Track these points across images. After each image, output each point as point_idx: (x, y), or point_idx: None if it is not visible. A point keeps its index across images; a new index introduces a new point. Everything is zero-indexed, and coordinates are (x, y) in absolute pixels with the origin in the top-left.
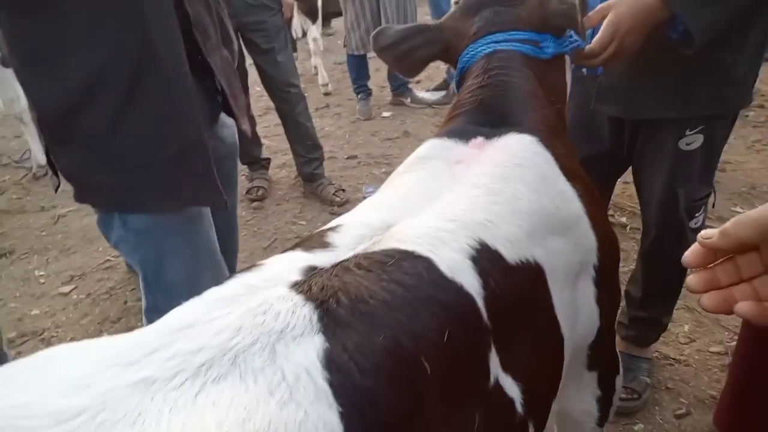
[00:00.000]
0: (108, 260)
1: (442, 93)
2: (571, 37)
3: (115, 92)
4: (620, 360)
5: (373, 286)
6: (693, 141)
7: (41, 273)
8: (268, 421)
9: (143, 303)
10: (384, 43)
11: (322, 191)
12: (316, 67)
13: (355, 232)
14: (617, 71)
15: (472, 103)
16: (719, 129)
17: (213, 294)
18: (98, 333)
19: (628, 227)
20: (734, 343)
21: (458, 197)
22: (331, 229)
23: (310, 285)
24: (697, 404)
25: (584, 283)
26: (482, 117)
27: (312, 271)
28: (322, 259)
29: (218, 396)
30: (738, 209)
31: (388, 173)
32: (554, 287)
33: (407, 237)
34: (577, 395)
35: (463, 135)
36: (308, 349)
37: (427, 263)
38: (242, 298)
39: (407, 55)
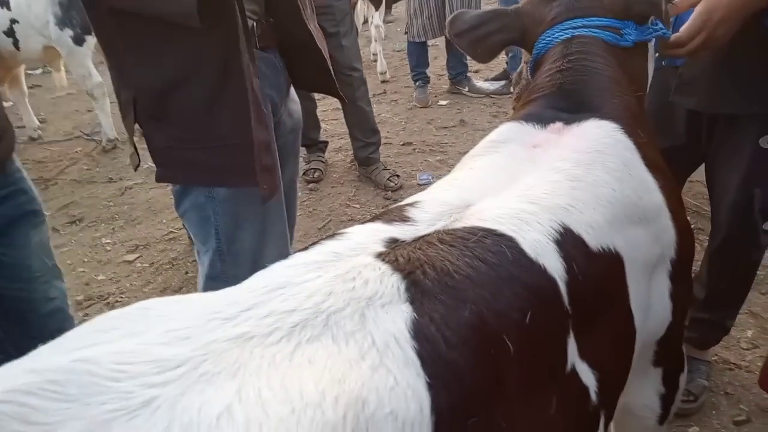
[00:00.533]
0: (171, 232)
1: (501, 83)
2: (655, 24)
3: (209, 76)
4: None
5: (457, 261)
6: None
7: (108, 241)
8: (361, 383)
9: (204, 270)
10: (460, 28)
11: (377, 176)
12: (375, 54)
13: (434, 209)
14: (700, 62)
15: (551, 87)
16: None
17: (301, 258)
18: None
19: (692, 227)
20: None
21: (538, 181)
22: (410, 204)
23: (396, 255)
24: (759, 412)
25: (660, 277)
26: (561, 101)
27: (394, 243)
28: (403, 231)
29: (313, 355)
30: None
31: (442, 161)
32: (631, 278)
33: (489, 216)
34: (641, 390)
35: (541, 119)
36: (397, 318)
37: (510, 242)
38: (329, 263)
39: (483, 40)
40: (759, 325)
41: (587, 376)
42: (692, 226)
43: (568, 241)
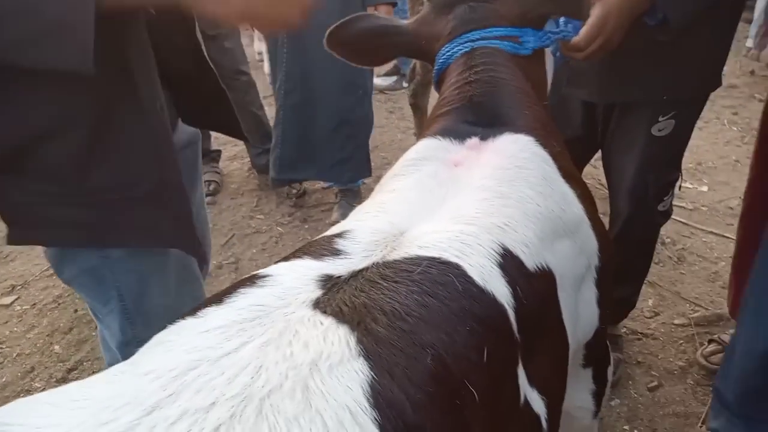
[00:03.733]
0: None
1: (393, 78)
2: (554, 30)
3: (85, 127)
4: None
5: (406, 300)
6: (665, 127)
7: None
8: None
9: (115, 336)
10: (344, 39)
11: None
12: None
13: (366, 238)
14: None
15: (461, 100)
16: (691, 114)
17: (215, 318)
18: (48, 345)
19: None
20: (697, 314)
21: (467, 200)
22: (338, 235)
23: (337, 304)
24: (667, 376)
25: (587, 286)
26: (473, 115)
27: (329, 281)
28: (336, 266)
29: None
30: (687, 185)
31: None
32: (562, 293)
33: (429, 242)
34: (575, 393)
35: (457, 135)
36: (350, 382)
37: (457, 270)
38: (255, 323)
39: (368, 54)
40: (657, 293)
41: (537, 404)
42: None
43: (509, 264)
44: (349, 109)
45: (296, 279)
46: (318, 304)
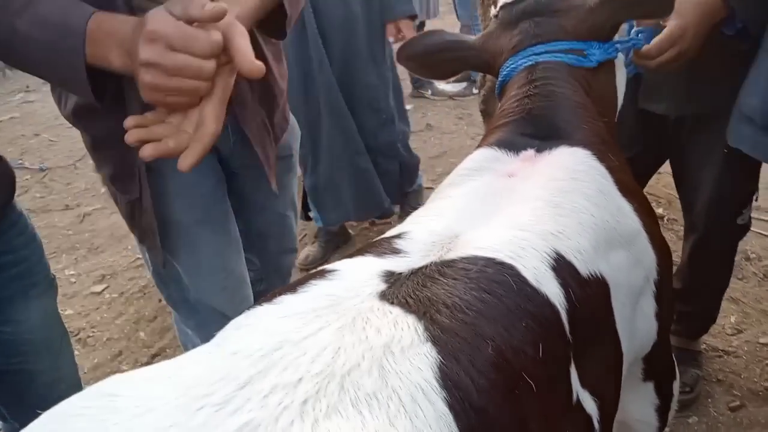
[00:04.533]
0: (138, 258)
1: (464, 84)
2: (623, 39)
3: None
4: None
5: (465, 295)
6: None
7: (71, 272)
8: None
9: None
10: (410, 52)
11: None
12: None
13: (424, 239)
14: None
15: (520, 113)
16: None
17: (291, 305)
18: (135, 332)
19: (665, 218)
20: None
21: (521, 209)
22: (397, 236)
23: (402, 296)
24: (751, 396)
25: (645, 299)
26: (531, 128)
27: (391, 276)
28: (396, 264)
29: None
30: None
31: None
32: (617, 302)
33: (484, 244)
34: (636, 407)
35: (513, 146)
36: (421, 364)
37: (511, 270)
38: (328, 310)
39: (436, 67)
40: (741, 310)
41: (589, 405)
42: (665, 218)
43: (562, 268)
44: (370, 134)
45: (361, 273)
46: (384, 296)
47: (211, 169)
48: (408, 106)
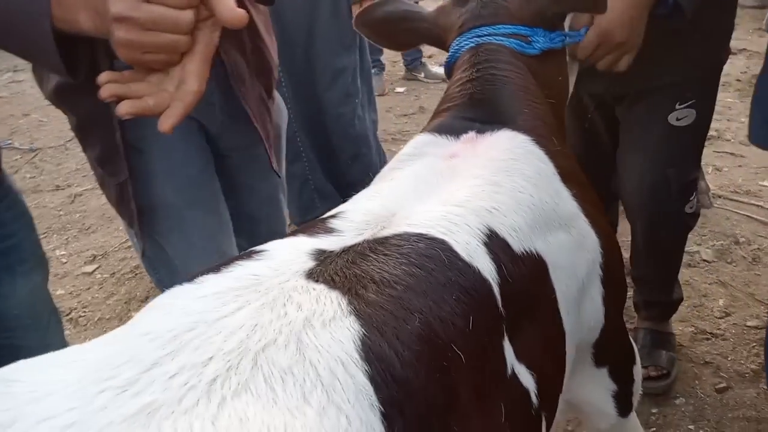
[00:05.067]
0: (128, 239)
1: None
2: (569, 33)
3: None
4: (639, 343)
5: (395, 270)
6: (685, 116)
7: (62, 252)
8: None
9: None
10: (369, 19)
11: None
12: None
13: (358, 218)
14: None
15: (462, 98)
16: (709, 100)
17: (212, 285)
18: (126, 312)
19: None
20: None
21: (459, 187)
22: (332, 216)
23: (329, 274)
24: (738, 378)
25: (592, 283)
26: (472, 112)
27: (322, 255)
28: (328, 242)
29: (244, 411)
30: (765, 183)
31: None
32: (558, 283)
33: (417, 220)
34: (588, 391)
35: (453, 131)
36: (342, 336)
37: (443, 245)
38: (250, 290)
39: (389, 36)
40: (729, 294)
41: (526, 378)
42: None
43: (495, 243)
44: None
45: (290, 253)
46: (311, 275)
47: (199, 149)
48: (400, 89)
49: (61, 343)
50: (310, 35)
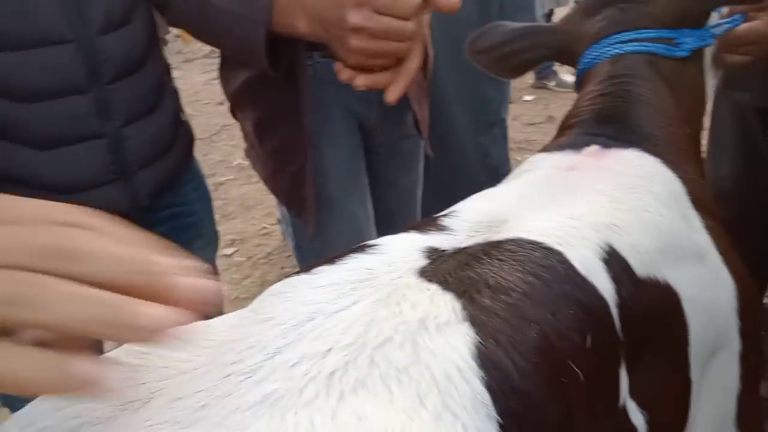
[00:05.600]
0: (264, 227)
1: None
2: (721, 22)
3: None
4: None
5: (509, 276)
6: None
7: None
8: None
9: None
10: (482, 45)
11: None
12: None
13: (472, 218)
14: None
15: (590, 113)
16: None
17: (329, 276)
18: (259, 294)
19: None
20: None
21: (577, 199)
22: (445, 214)
23: (442, 274)
24: None
25: (728, 331)
26: (599, 128)
27: (434, 253)
28: (440, 241)
29: (362, 408)
30: None
31: None
32: (693, 320)
33: (533, 228)
34: None
35: (575, 146)
36: (457, 342)
37: (559, 257)
38: (365, 284)
39: (507, 58)
40: None
41: (636, 417)
42: None
43: (614, 261)
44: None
45: (403, 249)
46: (424, 272)
47: (358, 146)
48: (528, 97)
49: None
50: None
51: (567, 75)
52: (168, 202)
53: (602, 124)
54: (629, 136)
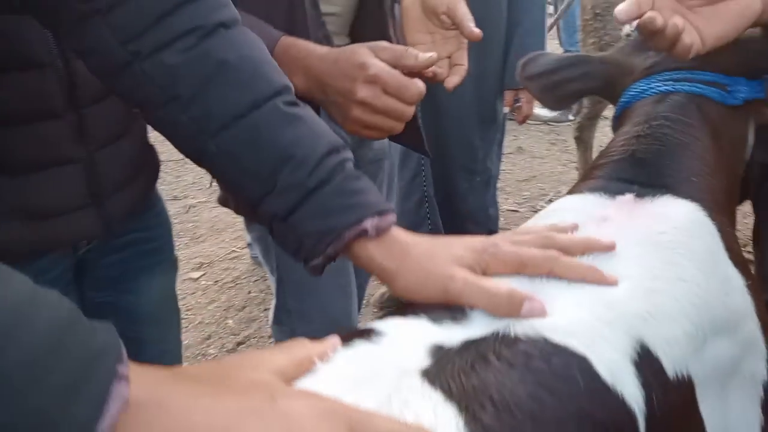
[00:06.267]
0: (233, 251)
1: (559, 110)
2: None
3: None
4: None
5: (518, 389)
6: None
7: None
8: None
9: (273, 299)
10: (534, 71)
11: None
12: None
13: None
14: None
15: (622, 153)
16: None
17: (333, 371)
18: (224, 319)
19: None
20: None
21: (612, 273)
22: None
23: (446, 378)
24: None
25: (750, 405)
26: (631, 172)
27: (440, 351)
28: (450, 335)
29: None
30: None
31: (500, 189)
32: (704, 406)
33: (559, 323)
34: None
35: (607, 191)
36: None
37: (583, 364)
38: (367, 382)
39: (557, 87)
40: None
41: None
42: None
43: (646, 363)
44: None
45: (407, 342)
46: (427, 374)
47: None
48: None
49: (178, 343)
50: (450, 106)
51: (536, 107)
52: (131, 227)
53: (635, 167)
54: (663, 181)
